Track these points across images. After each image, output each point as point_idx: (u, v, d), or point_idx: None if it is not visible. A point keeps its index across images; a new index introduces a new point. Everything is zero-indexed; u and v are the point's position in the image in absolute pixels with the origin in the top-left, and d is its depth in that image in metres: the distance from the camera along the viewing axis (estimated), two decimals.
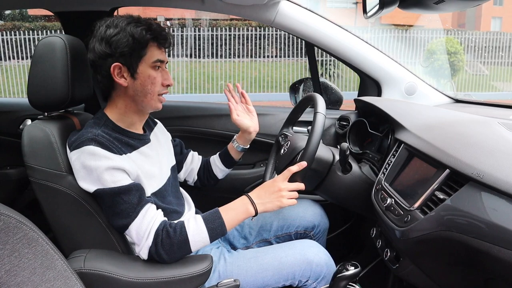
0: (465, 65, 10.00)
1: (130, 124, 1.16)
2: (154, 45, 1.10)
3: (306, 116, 1.55)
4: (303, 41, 1.69)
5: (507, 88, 10.00)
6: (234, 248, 1.39)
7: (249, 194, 1.13)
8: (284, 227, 1.41)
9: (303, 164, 1.12)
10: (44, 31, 9.35)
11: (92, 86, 1.24)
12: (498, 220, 0.73)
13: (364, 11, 1.11)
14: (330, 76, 9.47)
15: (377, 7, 0.96)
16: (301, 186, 1.14)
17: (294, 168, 1.12)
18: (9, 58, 9.14)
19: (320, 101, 1.23)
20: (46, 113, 1.18)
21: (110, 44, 1.06)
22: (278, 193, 1.11)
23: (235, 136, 1.44)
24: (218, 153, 1.48)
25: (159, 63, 1.11)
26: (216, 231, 1.06)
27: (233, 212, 1.10)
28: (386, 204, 1.05)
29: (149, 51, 1.09)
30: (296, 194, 1.13)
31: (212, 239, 1.07)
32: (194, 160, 1.48)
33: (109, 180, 1.01)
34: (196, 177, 1.48)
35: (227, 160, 1.45)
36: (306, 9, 1.62)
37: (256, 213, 1.11)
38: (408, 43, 9.56)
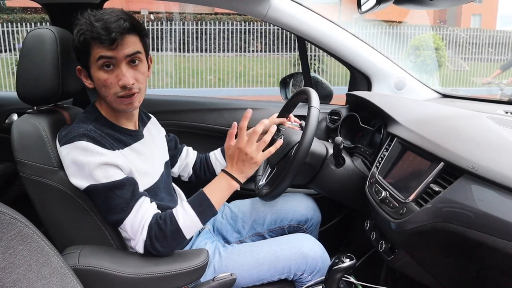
0: (447, 61, 10.17)
1: (120, 120, 1.13)
2: (97, 43, 0.99)
3: (297, 110, 1.55)
4: (289, 36, 1.69)
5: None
6: (228, 242, 1.39)
7: (225, 169, 1.11)
8: (278, 220, 1.41)
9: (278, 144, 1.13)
10: (24, 23, 9.09)
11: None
12: (493, 211, 0.75)
13: (359, 6, 1.11)
14: (315, 71, 9.51)
15: (374, 2, 0.96)
16: (265, 138, 1.10)
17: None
18: None
19: (314, 95, 1.23)
20: (35, 107, 1.15)
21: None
22: (249, 156, 1.08)
23: None
24: (220, 148, 1.47)
25: (106, 61, 1.00)
26: (206, 212, 1.06)
27: (218, 191, 1.09)
28: (380, 197, 1.06)
29: (93, 51, 1.00)
30: (262, 146, 1.10)
31: (204, 221, 1.06)
32: (189, 155, 1.46)
33: (101, 176, 0.99)
34: (191, 172, 1.47)
35: None
36: (299, 3, 1.62)
37: (240, 184, 1.10)
38: (391, 39, 9.66)
